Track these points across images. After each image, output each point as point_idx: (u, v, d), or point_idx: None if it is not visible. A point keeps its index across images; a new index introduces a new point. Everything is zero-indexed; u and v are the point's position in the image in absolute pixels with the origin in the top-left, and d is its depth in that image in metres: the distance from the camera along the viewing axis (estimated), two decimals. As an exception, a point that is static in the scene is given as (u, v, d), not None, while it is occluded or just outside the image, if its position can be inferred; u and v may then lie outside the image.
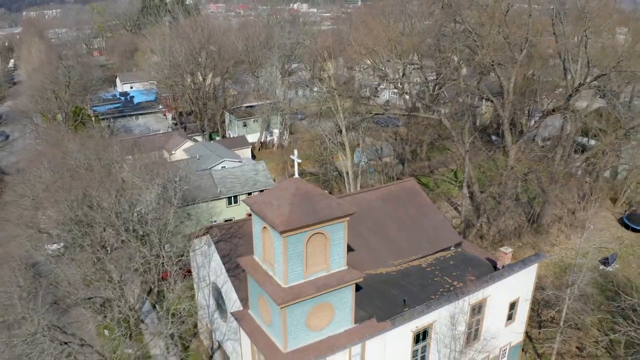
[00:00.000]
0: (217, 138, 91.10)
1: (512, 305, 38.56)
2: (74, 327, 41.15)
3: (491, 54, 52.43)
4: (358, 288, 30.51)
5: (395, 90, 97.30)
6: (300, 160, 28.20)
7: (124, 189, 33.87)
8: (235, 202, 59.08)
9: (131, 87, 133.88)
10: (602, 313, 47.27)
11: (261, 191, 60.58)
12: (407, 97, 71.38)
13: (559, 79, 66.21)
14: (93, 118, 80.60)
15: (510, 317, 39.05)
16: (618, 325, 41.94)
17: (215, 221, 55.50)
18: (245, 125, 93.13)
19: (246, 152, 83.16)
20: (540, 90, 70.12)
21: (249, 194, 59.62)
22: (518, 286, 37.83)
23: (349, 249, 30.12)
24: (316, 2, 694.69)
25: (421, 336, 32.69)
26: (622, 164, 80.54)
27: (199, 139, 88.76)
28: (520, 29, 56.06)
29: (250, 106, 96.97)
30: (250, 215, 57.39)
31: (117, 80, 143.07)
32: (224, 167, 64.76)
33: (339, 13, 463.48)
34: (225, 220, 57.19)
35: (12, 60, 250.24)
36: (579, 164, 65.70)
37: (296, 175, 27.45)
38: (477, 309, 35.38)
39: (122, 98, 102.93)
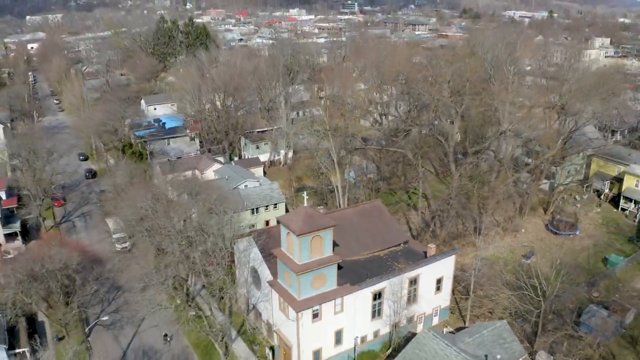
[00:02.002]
0: (236, 159, 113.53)
1: (439, 281, 61.06)
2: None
3: (439, 108, 75.13)
4: (339, 267, 52.90)
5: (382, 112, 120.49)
6: (307, 197, 50.72)
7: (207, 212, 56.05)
8: (257, 212, 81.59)
9: (155, 109, 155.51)
10: (509, 289, 69.48)
11: (275, 205, 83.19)
12: (384, 131, 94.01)
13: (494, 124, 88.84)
14: (139, 144, 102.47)
15: (438, 289, 61.55)
16: (509, 297, 64.73)
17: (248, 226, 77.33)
18: (257, 148, 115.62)
19: (259, 171, 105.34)
20: (482, 130, 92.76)
21: (267, 206, 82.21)
22: (442, 268, 60.40)
23: (335, 244, 52.55)
24: (314, 7, 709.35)
25: (377, 296, 55.20)
26: (554, 182, 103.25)
27: (221, 159, 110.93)
28: (462, 89, 78.64)
29: (262, 131, 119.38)
30: (267, 223, 79.81)
31: (142, 102, 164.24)
32: (246, 186, 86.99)
33: (334, 22, 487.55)
34: (250, 227, 79.48)
35: (30, 74, 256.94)
36: (510, 182, 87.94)
37: (305, 204, 50.03)
38: (414, 282, 57.90)
39: (156, 124, 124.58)
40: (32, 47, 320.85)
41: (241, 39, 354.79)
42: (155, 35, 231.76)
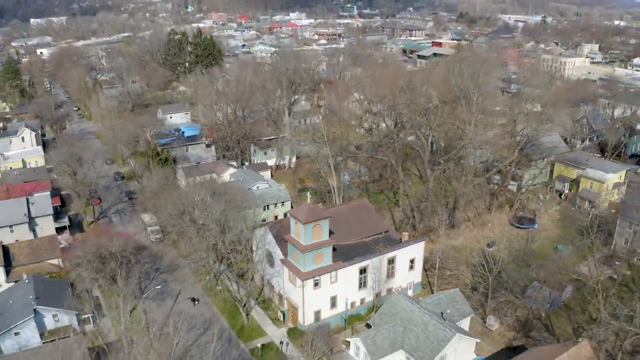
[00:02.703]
0: (246, 163, 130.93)
1: (412, 261, 78.50)
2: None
3: (415, 126, 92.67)
4: (334, 249, 70.38)
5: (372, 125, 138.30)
6: (310, 195, 68.22)
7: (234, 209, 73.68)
8: (268, 209, 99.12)
9: (170, 117, 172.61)
10: (469, 268, 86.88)
11: (282, 202, 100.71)
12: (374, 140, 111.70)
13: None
14: (164, 151, 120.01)
15: (411, 267, 79.01)
16: (464, 272, 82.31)
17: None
18: (265, 154, 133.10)
19: (267, 174, 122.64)
20: (456, 141, 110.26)
21: (275, 204, 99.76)
22: (414, 251, 77.90)
23: (330, 232, 70.03)
24: (314, 11, 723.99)
25: (363, 271, 72.75)
26: (520, 183, 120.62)
27: (234, 164, 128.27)
28: (435, 109, 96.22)
29: (269, 139, 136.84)
30: (276, 217, 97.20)
31: (159, 111, 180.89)
32: (258, 187, 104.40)
33: (333, 27, 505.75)
34: (262, 220, 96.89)
35: (45, 79, 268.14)
36: (478, 183, 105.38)
37: (308, 201, 67.59)
38: (391, 261, 75.39)
39: (176, 133, 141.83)
40: (41, 52, 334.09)
41: (244, 45, 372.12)
42: (166, 47, 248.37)
